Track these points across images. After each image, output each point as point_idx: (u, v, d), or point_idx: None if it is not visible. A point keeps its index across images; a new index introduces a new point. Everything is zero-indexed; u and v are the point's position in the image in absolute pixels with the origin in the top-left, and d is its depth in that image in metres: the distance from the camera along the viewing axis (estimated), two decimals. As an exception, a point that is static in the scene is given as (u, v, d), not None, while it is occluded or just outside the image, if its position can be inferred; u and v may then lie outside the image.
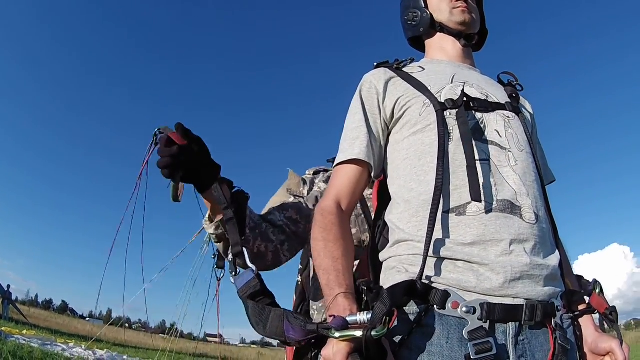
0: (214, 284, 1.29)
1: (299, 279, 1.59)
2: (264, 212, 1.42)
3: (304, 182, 1.66)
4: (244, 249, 1.08)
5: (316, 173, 1.70)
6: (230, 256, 1.10)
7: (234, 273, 1.07)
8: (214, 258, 1.29)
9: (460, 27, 1.26)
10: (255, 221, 1.29)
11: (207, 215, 1.24)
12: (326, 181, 1.60)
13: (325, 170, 1.70)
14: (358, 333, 0.79)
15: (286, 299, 1.61)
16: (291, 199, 1.53)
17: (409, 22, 1.35)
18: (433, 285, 0.93)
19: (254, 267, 1.04)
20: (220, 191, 1.13)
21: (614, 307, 1.02)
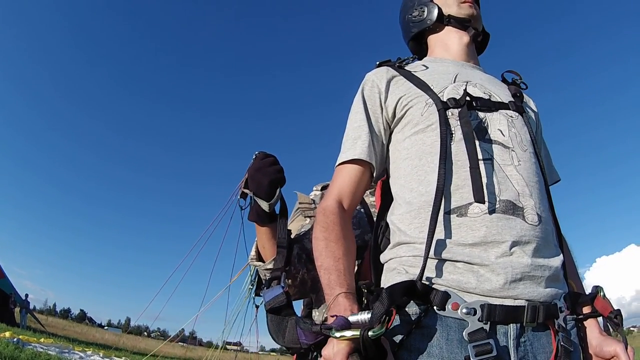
0: (248, 307, 1.41)
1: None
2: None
3: (314, 202, 1.68)
4: (283, 274, 1.16)
5: (324, 188, 1.69)
6: (268, 276, 1.20)
7: (265, 288, 1.13)
8: (252, 287, 1.40)
9: (469, 17, 1.28)
10: (307, 252, 1.35)
11: (253, 251, 1.33)
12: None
13: None
14: (356, 333, 0.78)
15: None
16: (307, 221, 1.55)
17: (414, 19, 1.34)
18: (433, 286, 0.92)
19: (283, 284, 1.10)
20: (282, 228, 1.23)
21: (618, 310, 0.99)
